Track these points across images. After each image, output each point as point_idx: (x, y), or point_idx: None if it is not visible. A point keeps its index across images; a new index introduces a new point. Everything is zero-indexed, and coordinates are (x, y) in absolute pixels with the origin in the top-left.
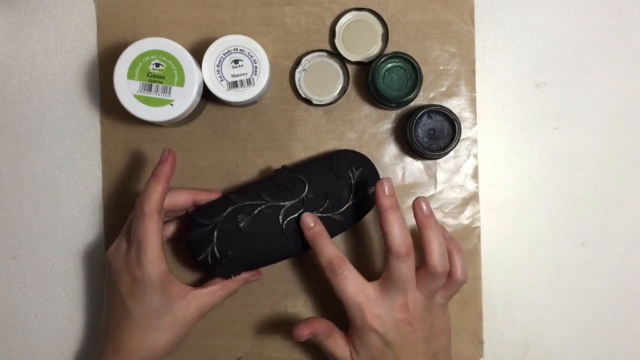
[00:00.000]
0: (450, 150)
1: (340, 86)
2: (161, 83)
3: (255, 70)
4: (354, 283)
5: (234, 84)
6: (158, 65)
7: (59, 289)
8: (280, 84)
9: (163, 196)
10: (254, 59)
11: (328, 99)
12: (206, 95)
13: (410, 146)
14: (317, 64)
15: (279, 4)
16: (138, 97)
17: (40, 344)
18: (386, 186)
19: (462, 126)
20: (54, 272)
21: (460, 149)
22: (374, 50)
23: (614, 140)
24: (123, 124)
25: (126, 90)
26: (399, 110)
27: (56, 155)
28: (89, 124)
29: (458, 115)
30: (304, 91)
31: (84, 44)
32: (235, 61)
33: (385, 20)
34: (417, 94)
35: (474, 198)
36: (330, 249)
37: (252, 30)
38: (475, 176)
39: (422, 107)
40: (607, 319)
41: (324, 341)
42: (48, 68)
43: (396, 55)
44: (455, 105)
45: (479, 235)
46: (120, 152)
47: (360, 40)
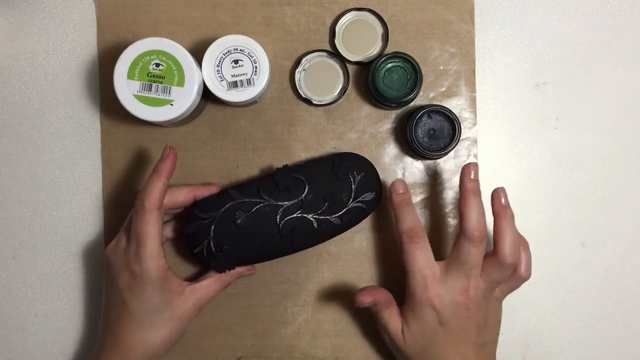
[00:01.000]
0: (450, 150)
1: (340, 86)
2: (161, 83)
3: (255, 70)
4: (426, 256)
5: (234, 84)
6: (158, 65)
7: (59, 289)
8: (280, 84)
9: (163, 192)
10: (254, 59)
11: (328, 99)
12: (206, 95)
13: (410, 146)
14: (317, 64)
15: (279, 4)
16: (138, 97)
17: (40, 344)
18: (473, 170)
19: (462, 126)
20: (54, 272)
21: (460, 149)
22: (374, 50)
23: (614, 140)
24: (123, 124)
25: (126, 90)
26: (399, 110)
27: (56, 155)
28: (89, 124)
29: (458, 115)
30: (304, 91)
31: (84, 44)
32: (235, 61)
33: (385, 20)
34: (417, 94)
35: None
36: (414, 217)
37: (252, 30)
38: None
39: (422, 107)
40: (607, 319)
41: (381, 311)
42: (48, 68)
43: (396, 55)
44: (455, 105)
45: None
46: (120, 152)
47: (360, 40)
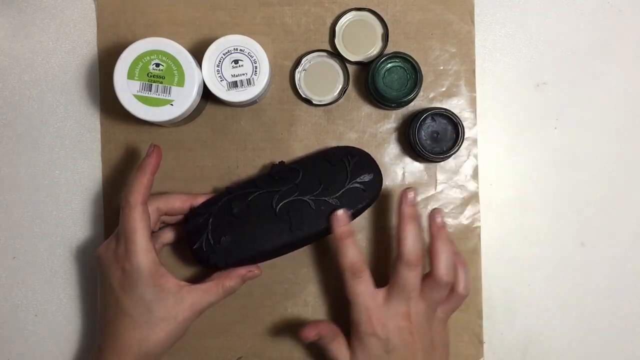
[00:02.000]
0: (453, 154)
1: (340, 86)
2: (161, 83)
3: (255, 70)
4: (368, 288)
5: (234, 84)
6: (158, 65)
7: (59, 289)
8: (280, 84)
9: (148, 188)
10: (254, 59)
11: (328, 99)
12: (206, 95)
13: (413, 148)
14: (317, 64)
15: (279, 4)
16: (138, 97)
17: (40, 344)
18: (410, 195)
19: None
20: (54, 272)
21: (460, 149)
22: (374, 50)
23: (614, 140)
24: (123, 124)
25: (126, 90)
26: (399, 110)
27: (56, 155)
28: (89, 124)
29: (458, 115)
30: (304, 91)
31: (84, 44)
32: (235, 61)
33: (385, 20)
34: (417, 94)
35: (474, 198)
36: (355, 251)
37: (252, 30)
38: (475, 176)
39: (426, 110)
40: (607, 319)
41: (328, 344)
42: (48, 68)
43: (396, 55)
44: (455, 105)
45: (479, 235)
46: (120, 152)
47: (360, 40)
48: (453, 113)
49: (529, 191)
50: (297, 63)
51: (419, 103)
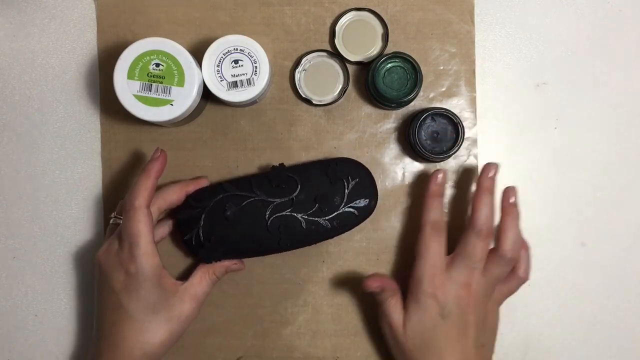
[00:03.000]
0: (453, 154)
1: (340, 86)
2: (161, 83)
3: (255, 70)
4: (440, 250)
5: (234, 84)
6: (158, 65)
7: (59, 289)
8: (280, 84)
9: (152, 192)
10: (254, 59)
11: (328, 99)
12: (206, 95)
13: (413, 148)
14: (317, 64)
15: (279, 4)
16: (138, 97)
17: (40, 344)
18: (493, 170)
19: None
20: (54, 272)
21: (460, 149)
22: (374, 50)
23: (614, 140)
24: (123, 124)
25: (126, 90)
26: (399, 110)
27: (56, 155)
28: (89, 124)
29: (458, 115)
30: (304, 91)
31: (84, 44)
32: (235, 61)
33: (385, 20)
34: (417, 94)
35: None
36: (440, 211)
37: (252, 30)
38: (475, 176)
39: (426, 110)
40: (607, 319)
41: (386, 300)
42: (48, 68)
43: (396, 55)
44: (455, 105)
45: None
46: (120, 152)
47: (360, 40)
48: (453, 113)
49: (529, 191)
50: (297, 63)
51: (419, 103)
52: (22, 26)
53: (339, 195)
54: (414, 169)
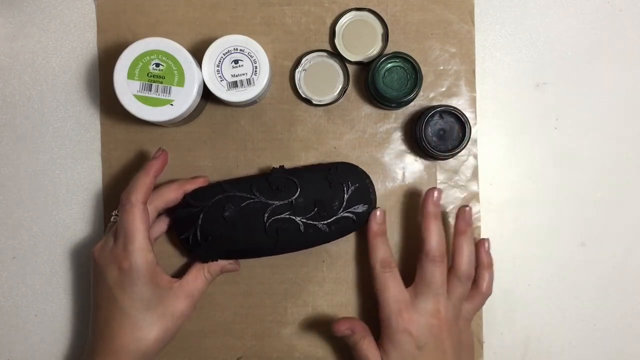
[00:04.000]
0: (458, 152)
1: (340, 86)
2: (161, 83)
3: (255, 70)
4: (397, 283)
5: (234, 84)
6: (158, 65)
7: (59, 289)
8: (280, 84)
9: (150, 188)
10: (254, 59)
11: (328, 99)
12: (206, 95)
13: (419, 144)
14: (317, 64)
15: (279, 4)
16: (138, 97)
17: (40, 344)
18: (435, 194)
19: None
20: (54, 272)
21: None
22: (374, 50)
23: (614, 140)
24: (123, 124)
25: (126, 90)
26: (400, 110)
27: (56, 155)
28: (89, 124)
29: None
30: (304, 91)
31: (84, 44)
32: (235, 61)
33: (385, 20)
34: (417, 94)
35: (474, 198)
36: (387, 248)
37: (252, 30)
38: (475, 176)
39: (434, 107)
40: (607, 319)
41: (359, 342)
42: (48, 68)
43: (396, 55)
44: (455, 105)
45: (479, 235)
46: (120, 152)
47: (360, 40)
48: (461, 111)
49: (529, 191)
50: (297, 63)
51: (419, 103)
52: (22, 26)
53: (338, 200)
54: (414, 169)
